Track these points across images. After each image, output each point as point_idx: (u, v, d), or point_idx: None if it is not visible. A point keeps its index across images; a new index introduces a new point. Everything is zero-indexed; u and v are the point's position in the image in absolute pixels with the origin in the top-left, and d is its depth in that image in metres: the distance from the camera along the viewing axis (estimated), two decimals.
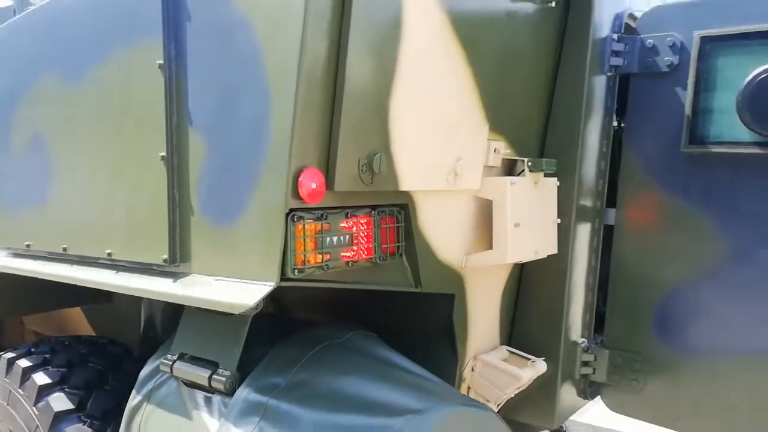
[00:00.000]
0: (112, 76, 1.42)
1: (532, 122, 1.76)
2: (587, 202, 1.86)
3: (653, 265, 1.82)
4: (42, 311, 2.70)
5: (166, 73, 1.27)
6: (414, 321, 1.66)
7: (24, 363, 1.96)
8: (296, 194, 1.10)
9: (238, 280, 1.18)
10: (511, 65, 1.61)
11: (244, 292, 1.13)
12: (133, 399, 1.51)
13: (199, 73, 1.24)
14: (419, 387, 1.29)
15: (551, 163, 1.68)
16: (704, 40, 1.66)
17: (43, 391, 1.85)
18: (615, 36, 1.82)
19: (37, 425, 1.82)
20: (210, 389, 1.32)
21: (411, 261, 1.42)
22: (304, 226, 1.13)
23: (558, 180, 1.75)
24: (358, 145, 1.17)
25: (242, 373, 1.31)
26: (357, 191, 1.21)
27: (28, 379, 1.91)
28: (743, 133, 1.61)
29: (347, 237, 1.22)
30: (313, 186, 1.10)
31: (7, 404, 1.95)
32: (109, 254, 1.46)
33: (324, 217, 1.17)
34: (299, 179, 1.09)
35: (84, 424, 1.79)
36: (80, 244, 1.57)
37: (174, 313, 2.18)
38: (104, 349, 2.13)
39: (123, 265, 1.44)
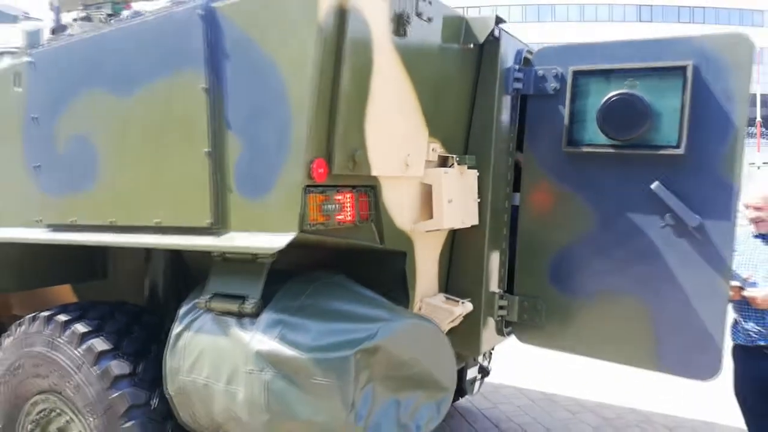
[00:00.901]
0: (159, 93, 1.97)
1: (458, 129, 2.42)
2: (499, 188, 2.54)
3: (546, 232, 2.52)
4: (46, 285, 3.12)
5: (209, 94, 1.84)
6: (377, 273, 2.27)
7: (62, 317, 2.46)
8: (310, 175, 1.70)
9: (268, 233, 1.77)
10: (443, 89, 2.26)
11: (275, 239, 1.73)
12: (175, 329, 2.06)
13: (234, 94, 1.82)
14: (388, 307, 1.93)
15: (472, 158, 2.35)
16: (575, 72, 2.37)
17: (85, 336, 2.36)
18: (516, 67, 2.51)
19: (83, 361, 2.32)
20: (240, 314, 1.91)
21: (377, 225, 2.05)
22: (314, 196, 1.74)
23: (477, 171, 2.43)
24: (346, 144, 1.79)
25: (263, 302, 1.90)
26: (345, 174, 1.82)
27: (68, 328, 2.41)
28: (601, 138, 2.33)
29: (339, 206, 1.83)
30: (320, 170, 1.71)
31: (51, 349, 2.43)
32: (158, 222, 2.01)
33: (325, 191, 1.78)
34: (312, 165, 1.70)
35: (121, 360, 2.31)
36: (128, 217, 2.10)
37: (173, 277, 2.72)
38: (124, 307, 2.64)
39: (169, 230, 1.99)
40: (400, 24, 1.89)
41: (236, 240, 1.83)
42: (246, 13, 1.79)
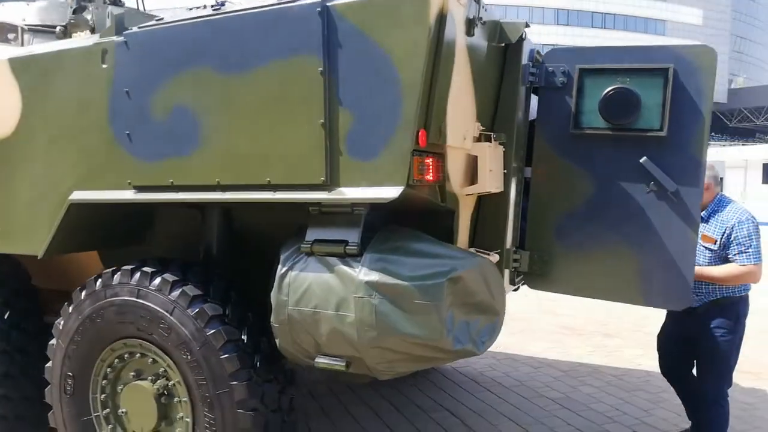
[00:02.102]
0: (274, 73, 2.36)
1: (488, 113, 2.97)
2: (516, 162, 3.11)
3: (552, 199, 3.11)
4: (101, 248, 3.37)
5: (325, 76, 2.27)
6: (431, 229, 2.77)
7: (147, 269, 2.78)
8: (416, 142, 2.18)
9: (377, 187, 2.23)
10: (483, 79, 2.79)
11: (387, 191, 2.19)
12: (280, 271, 2.47)
13: (346, 76, 2.26)
14: (457, 249, 2.44)
15: (503, 136, 2.90)
16: (581, 70, 2.97)
17: (175, 283, 2.70)
18: (530, 63, 3.09)
19: (175, 305, 2.66)
20: (344, 255, 2.35)
21: (441, 187, 2.55)
22: (415, 159, 2.22)
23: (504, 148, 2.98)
24: (438, 119, 2.28)
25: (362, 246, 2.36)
26: (432, 143, 2.31)
27: (157, 278, 2.73)
28: (601, 123, 2.95)
29: (429, 167, 2.32)
30: (423, 138, 2.20)
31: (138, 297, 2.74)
32: (269, 180, 2.41)
33: (421, 155, 2.27)
34: (418, 134, 2.18)
35: (212, 303, 2.68)
36: (236, 177, 2.47)
37: (225, 235, 3.09)
38: (195, 262, 2.99)
39: (281, 187, 2.39)
40: (470, 26, 2.41)
41: (350, 194, 2.28)
42: (359, 11, 2.23)
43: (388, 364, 2.36)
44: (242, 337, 2.65)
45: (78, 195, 2.88)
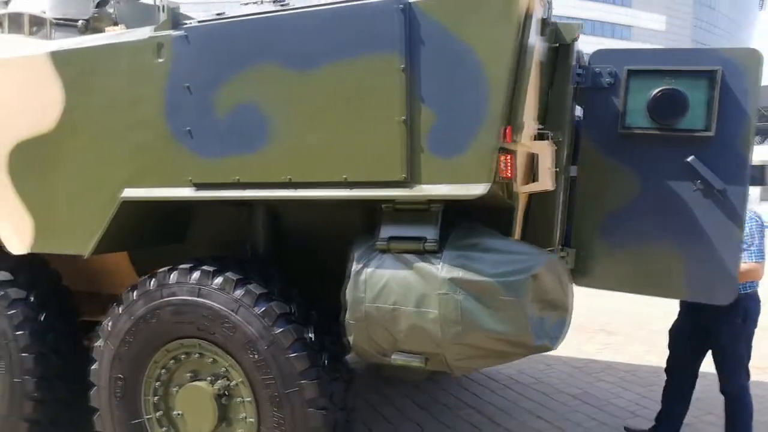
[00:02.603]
0: (350, 69, 2.35)
1: (541, 112, 3.01)
2: (564, 161, 3.16)
3: (598, 198, 3.17)
4: (143, 247, 3.30)
5: (407, 73, 2.28)
6: (488, 226, 2.80)
7: (208, 268, 2.73)
8: (502, 139, 2.21)
9: (460, 184, 2.25)
10: (540, 81, 2.84)
11: (472, 188, 2.21)
12: (354, 268, 2.46)
13: (428, 73, 2.27)
14: (528, 245, 2.47)
15: (559, 135, 2.95)
16: (629, 71, 3.05)
17: (239, 282, 2.67)
18: (577, 65, 3.15)
19: (240, 303, 2.63)
20: (422, 252, 2.36)
21: (507, 185, 2.58)
22: (500, 156, 2.24)
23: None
24: (518, 117, 2.31)
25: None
26: (515, 141, 2.34)
27: (219, 276, 2.70)
28: (649, 122, 3.03)
29: (508, 165, 2.34)
30: (507, 136, 2.23)
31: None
32: (345, 178, 2.40)
33: (503, 152, 2.29)
34: (504, 131, 2.21)
35: (278, 301, 2.66)
36: (309, 174, 2.46)
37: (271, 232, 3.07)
38: (250, 259, 2.96)
39: (358, 184, 2.38)
40: (544, 26, 2.45)
41: (432, 190, 2.29)
42: (443, 8, 2.25)
43: (468, 360, 2.38)
44: (309, 335, 2.63)
45: (130, 192, 2.82)
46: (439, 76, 2.27)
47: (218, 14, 2.73)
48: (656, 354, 5.41)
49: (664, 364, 3.90)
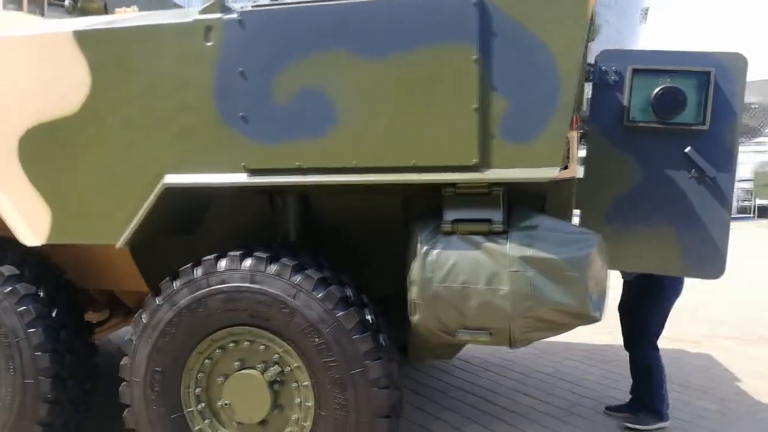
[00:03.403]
0: (423, 59, 2.44)
1: None
2: (576, 151, 3.42)
3: (605, 185, 3.46)
4: (169, 236, 3.18)
5: (480, 63, 2.41)
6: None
7: (261, 254, 2.72)
8: (571, 126, 2.40)
9: (530, 168, 2.41)
10: None
11: (544, 172, 2.38)
12: (421, 250, 2.55)
13: (500, 64, 2.41)
14: (576, 227, 2.69)
15: (584, 125, 3.20)
16: (634, 70, 3.36)
17: (295, 267, 2.68)
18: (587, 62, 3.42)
19: (299, 288, 2.64)
20: (488, 233, 2.50)
21: None
22: (567, 141, 2.43)
23: None
24: (580, 105, 2.51)
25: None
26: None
27: (275, 263, 2.69)
28: (651, 116, 3.35)
29: (567, 151, 2.54)
30: (575, 123, 2.42)
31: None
32: (414, 162, 2.48)
33: (566, 139, 2.49)
34: (573, 119, 2.40)
35: (336, 285, 2.69)
36: (376, 159, 2.51)
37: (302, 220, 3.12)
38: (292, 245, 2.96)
39: (427, 169, 2.47)
40: (592, 22, 2.67)
41: (504, 174, 2.43)
42: (516, 4, 2.39)
43: (530, 333, 2.55)
44: (368, 317, 2.69)
45: (174, 178, 2.74)
46: (511, 68, 2.42)
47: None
48: (610, 333, 5.89)
49: (615, 342, 4.28)
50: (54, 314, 3.09)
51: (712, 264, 3.39)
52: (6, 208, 2.95)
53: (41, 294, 3.09)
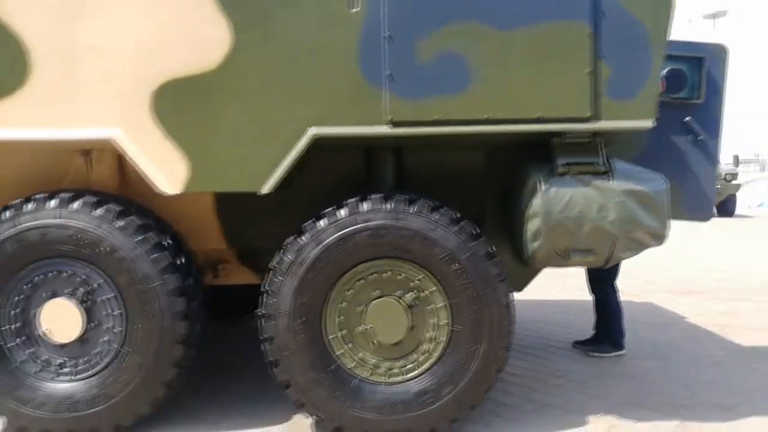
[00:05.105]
0: (543, 31, 3.02)
1: None
2: None
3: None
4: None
5: (592, 36, 3.03)
6: None
7: (401, 197, 3.13)
8: (661, 88, 3.10)
9: (629, 121, 3.08)
10: None
11: (642, 123, 3.06)
12: (542, 188, 3.12)
13: (608, 38, 3.05)
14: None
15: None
16: None
17: (434, 207, 3.14)
18: None
19: (437, 224, 3.09)
20: (594, 173, 3.14)
21: None
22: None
23: None
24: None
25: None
26: None
27: (415, 203, 3.12)
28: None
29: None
30: (663, 86, 3.13)
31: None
32: (539, 116, 3.05)
33: None
34: (661, 82, 3.10)
35: (465, 221, 3.18)
36: (506, 113, 3.05)
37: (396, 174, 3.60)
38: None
39: (547, 120, 3.06)
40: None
41: (612, 125, 3.07)
42: None
43: (624, 252, 3.22)
44: (492, 247, 3.22)
45: (321, 130, 3.07)
46: (615, 40, 3.07)
47: None
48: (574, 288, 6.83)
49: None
50: (181, 261, 3.26)
51: (702, 210, 4.31)
52: (142, 160, 3.09)
53: (169, 242, 3.25)
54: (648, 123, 3.11)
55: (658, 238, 3.28)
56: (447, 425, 3.22)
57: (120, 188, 3.55)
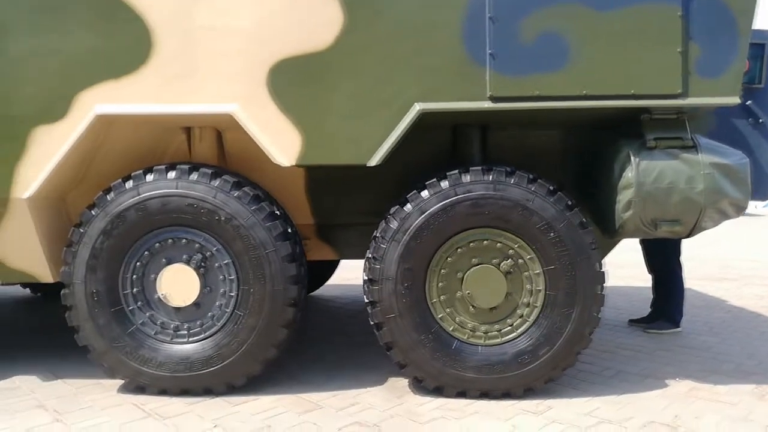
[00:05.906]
0: (635, 13, 3.21)
1: None
2: None
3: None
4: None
5: (683, 18, 3.23)
6: None
7: (498, 168, 3.33)
8: (745, 68, 3.30)
9: (716, 97, 3.27)
10: None
11: (729, 99, 3.25)
12: (634, 161, 3.31)
13: (698, 20, 3.24)
14: None
15: None
16: None
17: (531, 179, 3.33)
18: None
19: (534, 194, 3.29)
20: (682, 147, 3.34)
21: None
22: None
23: None
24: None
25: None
26: None
27: (512, 175, 3.32)
28: None
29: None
30: (747, 65, 3.33)
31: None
32: (633, 92, 3.25)
33: None
34: (746, 63, 3.30)
35: (562, 192, 3.37)
36: (602, 89, 3.24)
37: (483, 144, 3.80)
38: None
39: (641, 96, 3.25)
40: None
41: (700, 101, 3.26)
42: None
43: (708, 222, 3.42)
44: (584, 218, 3.41)
45: (426, 105, 3.27)
46: (705, 23, 3.27)
47: None
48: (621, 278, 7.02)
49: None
50: (290, 230, 3.46)
51: (763, 189, 4.51)
52: (259, 133, 3.29)
53: (279, 212, 3.45)
54: (735, 99, 3.31)
55: (741, 209, 3.47)
56: (541, 384, 3.41)
57: (218, 164, 3.75)
